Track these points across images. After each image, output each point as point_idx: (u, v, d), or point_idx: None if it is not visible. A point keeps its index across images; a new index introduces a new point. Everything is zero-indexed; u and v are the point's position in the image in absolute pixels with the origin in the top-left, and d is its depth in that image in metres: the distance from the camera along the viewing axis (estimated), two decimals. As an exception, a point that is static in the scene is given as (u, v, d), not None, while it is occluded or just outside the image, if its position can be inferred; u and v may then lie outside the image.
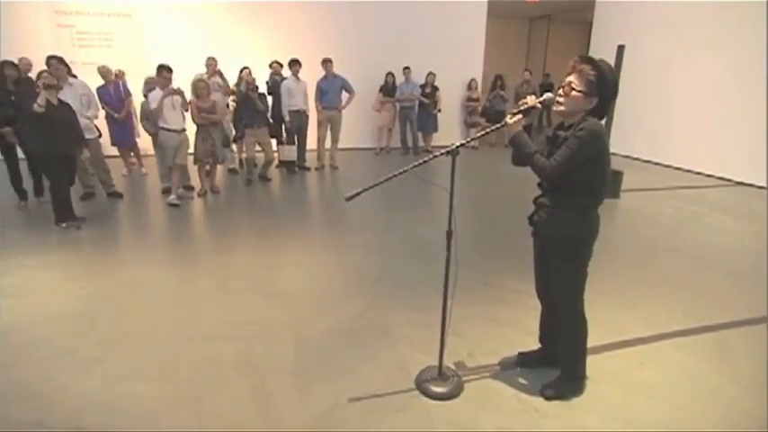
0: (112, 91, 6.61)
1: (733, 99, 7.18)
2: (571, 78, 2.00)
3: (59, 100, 4.68)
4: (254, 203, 5.97)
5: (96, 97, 5.97)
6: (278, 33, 8.60)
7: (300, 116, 7.25)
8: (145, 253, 4.27)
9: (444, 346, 2.35)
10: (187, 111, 5.69)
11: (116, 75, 6.80)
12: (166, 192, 5.83)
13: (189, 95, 5.84)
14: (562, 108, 2.03)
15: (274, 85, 7.25)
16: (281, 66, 7.33)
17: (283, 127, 7.39)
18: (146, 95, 5.92)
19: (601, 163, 2.00)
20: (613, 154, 2.09)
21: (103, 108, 6.44)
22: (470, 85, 9.81)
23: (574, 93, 1.98)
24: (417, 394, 2.31)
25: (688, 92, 7.92)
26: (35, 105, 4.39)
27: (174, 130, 5.54)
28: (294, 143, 7.40)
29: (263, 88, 7.03)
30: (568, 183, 2.02)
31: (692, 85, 7.85)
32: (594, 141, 1.94)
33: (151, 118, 5.75)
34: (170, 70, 5.49)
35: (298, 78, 7.14)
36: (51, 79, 4.70)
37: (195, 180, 6.14)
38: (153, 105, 5.44)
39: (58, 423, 2.12)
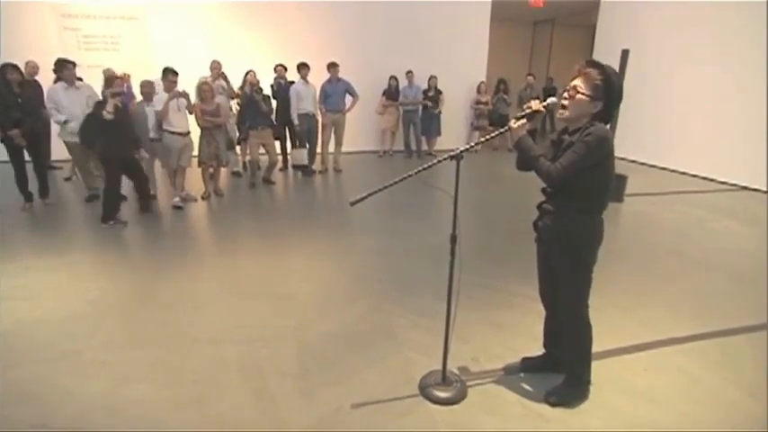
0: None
1: (738, 102, 7.16)
2: (577, 82, 1.99)
3: (117, 106, 4.88)
4: (257, 207, 5.98)
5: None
6: (282, 37, 8.63)
7: (310, 119, 7.28)
8: (149, 255, 4.28)
9: (448, 351, 2.34)
10: (191, 114, 5.72)
11: (121, 78, 6.83)
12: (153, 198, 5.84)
13: (194, 98, 5.87)
14: (567, 113, 2.03)
15: (279, 89, 7.27)
16: (286, 69, 7.34)
17: (291, 131, 7.41)
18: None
19: (606, 168, 2.00)
20: (617, 158, 2.08)
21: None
22: (479, 89, 9.80)
23: (579, 96, 1.98)
24: (421, 399, 2.31)
25: (692, 95, 7.89)
26: (104, 113, 4.66)
27: (179, 133, 5.56)
28: (305, 146, 7.42)
29: (267, 91, 7.04)
30: (573, 188, 2.01)
31: (696, 89, 7.83)
32: (601, 147, 1.94)
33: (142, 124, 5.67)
34: (175, 73, 5.52)
35: (307, 82, 7.18)
36: (118, 87, 4.99)
37: (198, 184, 6.16)
38: (158, 108, 5.46)
39: (62, 425, 2.12)
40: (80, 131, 5.05)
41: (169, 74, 5.48)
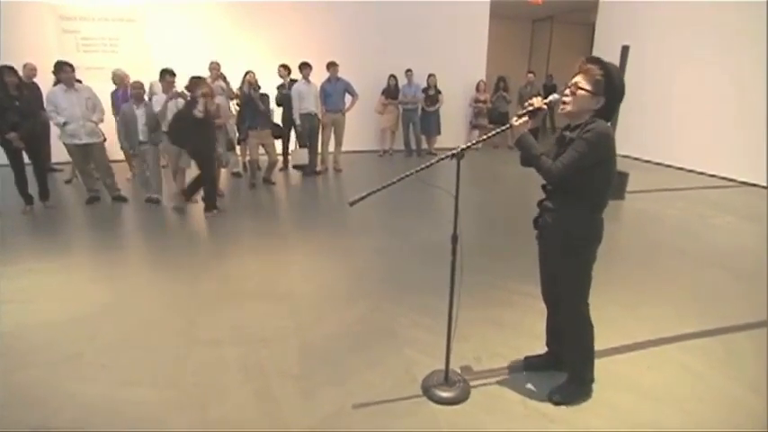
0: (120, 95, 6.64)
1: (738, 99, 7.14)
2: (578, 79, 1.98)
3: (206, 106, 5.03)
4: (257, 207, 5.97)
5: (102, 102, 5.98)
6: (281, 37, 8.61)
7: (312, 119, 7.23)
8: (149, 257, 4.27)
9: (450, 351, 2.33)
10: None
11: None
12: (150, 201, 5.76)
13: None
14: (569, 108, 2.01)
15: (283, 98, 7.20)
16: (289, 71, 7.29)
17: (294, 131, 7.38)
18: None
19: (607, 166, 1.98)
20: (618, 155, 2.06)
21: (114, 114, 6.46)
22: (479, 87, 9.79)
23: (580, 92, 1.96)
24: (424, 399, 2.30)
25: (692, 93, 7.88)
26: (195, 111, 4.95)
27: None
28: (306, 146, 7.39)
29: (266, 91, 7.01)
30: (573, 186, 2.00)
31: (696, 86, 7.81)
32: (602, 144, 1.92)
33: (131, 126, 5.53)
34: (173, 74, 5.51)
35: (308, 81, 7.14)
36: (207, 88, 5.16)
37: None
38: (157, 109, 5.45)
39: (62, 427, 2.11)
40: (170, 133, 5.09)
41: (167, 75, 5.47)
